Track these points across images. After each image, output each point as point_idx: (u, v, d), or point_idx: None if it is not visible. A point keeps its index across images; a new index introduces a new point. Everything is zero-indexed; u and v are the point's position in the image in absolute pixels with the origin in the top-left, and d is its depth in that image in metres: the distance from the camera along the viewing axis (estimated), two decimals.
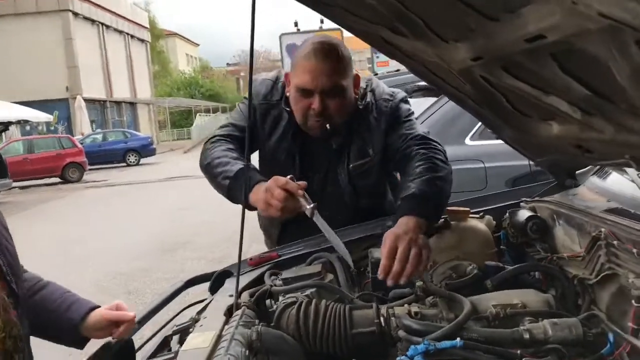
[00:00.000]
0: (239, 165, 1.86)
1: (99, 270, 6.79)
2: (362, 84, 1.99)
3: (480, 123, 3.71)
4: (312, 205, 1.67)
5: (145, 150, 25.29)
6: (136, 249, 7.82)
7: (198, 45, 74.64)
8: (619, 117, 1.09)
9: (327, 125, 1.86)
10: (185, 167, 20.53)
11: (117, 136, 25.97)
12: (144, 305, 1.83)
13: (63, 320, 1.37)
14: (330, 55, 1.80)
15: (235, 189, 1.83)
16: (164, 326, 1.82)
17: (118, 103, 36.79)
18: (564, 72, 1.06)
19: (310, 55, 1.80)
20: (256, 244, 7.57)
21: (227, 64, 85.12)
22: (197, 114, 43.51)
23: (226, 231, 8.50)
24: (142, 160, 24.95)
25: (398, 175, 2.07)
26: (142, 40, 43.10)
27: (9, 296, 1.14)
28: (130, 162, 24.65)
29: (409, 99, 2.06)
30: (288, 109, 1.95)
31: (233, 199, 1.89)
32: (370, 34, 1.76)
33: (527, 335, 1.22)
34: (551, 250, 1.68)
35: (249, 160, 1.80)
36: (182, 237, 8.43)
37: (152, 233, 8.87)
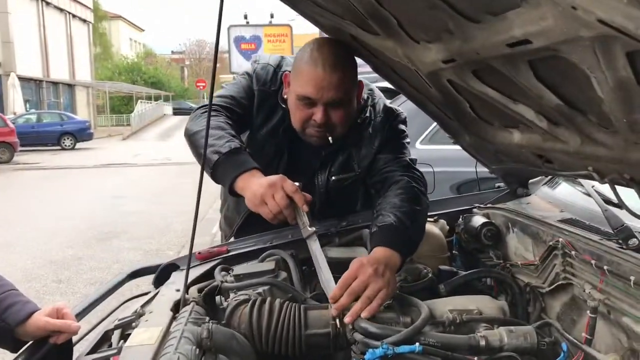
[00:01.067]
0: (234, 143, 1.70)
1: (27, 256, 6.47)
2: (364, 94, 1.89)
3: (430, 127, 3.78)
4: (313, 229, 1.55)
5: (82, 134, 24.34)
6: (68, 236, 7.50)
7: (143, 30, 72.62)
8: (588, 128, 1.10)
9: (330, 138, 1.75)
10: (123, 154, 19.98)
11: (53, 118, 24.85)
12: (84, 297, 1.72)
13: None
14: (338, 66, 1.66)
15: (223, 166, 1.67)
16: (103, 319, 1.72)
17: (55, 84, 35.29)
18: (538, 79, 1.05)
19: (317, 63, 1.65)
20: (199, 237, 7.42)
21: (172, 51, 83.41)
22: (139, 101, 42.27)
23: (162, 223, 8.31)
24: (78, 145, 23.99)
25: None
26: (84, 21, 41.50)
27: None
28: (66, 145, 23.67)
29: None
30: (284, 106, 1.83)
31: (216, 177, 1.71)
32: (339, 30, 1.73)
33: (483, 342, 1.22)
34: (503, 257, 1.70)
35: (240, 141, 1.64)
36: (117, 226, 8.15)
37: (85, 220, 8.53)
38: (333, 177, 1.88)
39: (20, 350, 1.33)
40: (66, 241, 7.20)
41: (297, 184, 1.60)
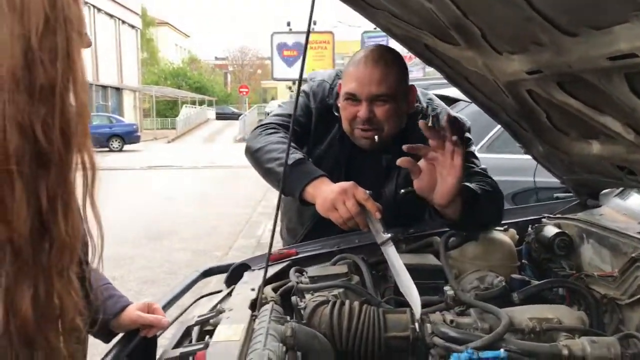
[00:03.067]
0: (298, 154, 1.77)
1: None
2: (423, 103, 1.92)
3: (488, 136, 3.77)
4: (388, 236, 1.57)
5: (129, 136, 25.01)
6: (120, 235, 7.70)
7: (188, 36, 74.13)
8: None
9: (376, 137, 1.79)
10: (169, 157, 20.38)
11: (102, 120, 25.62)
12: (162, 295, 1.80)
13: (97, 312, 1.34)
14: (379, 62, 1.74)
15: (290, 177, 1.71)
16: (180, 314, 1.79)
17: (104, 87, 36.32)
18: (633, 92, 1.06)
19: (360, 62, 1.75)
20: (242, 239, 7.51)
21: (215, 57, 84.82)
22: (183, 105, 43.20)
23: (209, 225, 8.46)
24: (126, 147, 24.66)
25: None
26: (133, 27, 42.64)
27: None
28: (114, 147, 24.34)
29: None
30: (338, 114, 1.89)
31: (284, 189, 1.73)
32: (412, 39, 1.76)
33: (565, 352, 1.22)
34: (577, 268, 1.69)
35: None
36: (166, 226, 8.34)
37: (135, 220, 8.76)
38: (402, 190, 1.87)
39: (115, 341, 1.40)
40: (117, 240, 7.41)
41: (368, 192, 1.63)
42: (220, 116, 48.93)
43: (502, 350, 1.17)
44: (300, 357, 1.34)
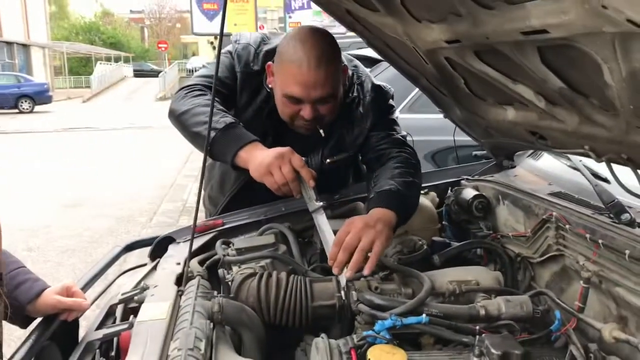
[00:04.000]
0: (228, 118, 1.71)
1: None
2: (349, 71, 1.88)
3: (409, 97, 3.82)
4: (320, 204, 1.58)
5: (40, 97, 23.57)
6: (35, 203, 7.37)
7: None
8: (588, 110, 1.15)
9: (321, 131, 1.76)
10: (84, 118, 19.46)
11: (9, 80, 23.92)
12: (83, 272, 1.73)
13: (9, 298, 1.27)
14: (322, 62, 1.63)
15: (221, 142, 1.67)
16: (102, 292, 1.74)
17: (9, 44, 33.87)
18: (544, 63, 1.10)
19: (301, 62, 1.62)
20: (167, 203, 7.33)
21: (131, 11, 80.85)
22: (98, 62, 41.12)
23: (130, 189, 8.22)
24: (37, 108, 23.28)
25: (364, 167, 2.01)
26: None
27: None
28: (24, 109, 22.91)
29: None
30: (269, 89, 1.82)
31: (214, 153, 1.72)
32: (334, 4, 1.74)
33: (482, 312, 1.29)
34: (493, 228, 1.77)
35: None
36: (84, 192, 8.01)
37: (51, 187, 8.38)
38: (327, 160, 1.89)
39: (33, 327, 1.35)
40: (33, 208, 7.08)
41: (303, 158, 1.62)
42: (139, 73, 47.00)
43: (424, 315, 1.21)
44: (229, 331, 1.34)
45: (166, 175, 9.12)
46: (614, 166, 1.29)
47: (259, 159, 1.60)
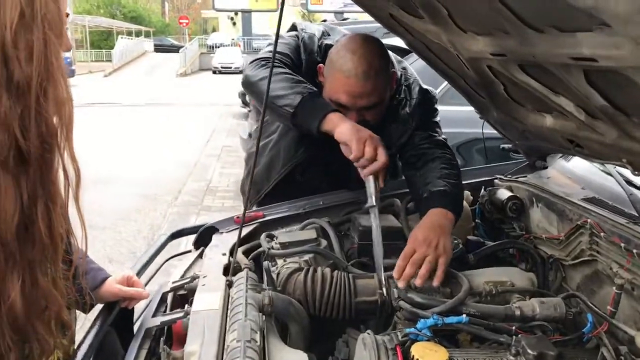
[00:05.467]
0: (307, 87, 1.77)
1: None
2: (397, 70, 1.94)
3: (439, 89, 3.85)
4: (374, 204, 1.63)
5: None
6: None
7: None
8: (628, 127, 1.20)
9: None
10: (106, 93, 19.64)
11: None
12: (132, 262, 1.84)
13: (76, 286, 1.37)
14: (371, 73, 1.69)
15: (310, 105, 1.71)
16: (150, 279, 1.84)
17: None
18: (589, 83, 1.15)
19: (350, 72, 1.69)
20: (192, 182, 7.44)
21: None
22: (119, 36, 41.25)
23: (154, 167, 8.35)
24: None
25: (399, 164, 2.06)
26: None
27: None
28: None
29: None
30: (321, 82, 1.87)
31: (297, 116, 1.73)
32: (378, 8, 1.79)
33: (518, 312, 1.36)
34: (525, 229, 1.83)
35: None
36: (111, 170, 8.16)
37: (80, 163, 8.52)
38: None
39: (97, 313, 1.45)
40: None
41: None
42: (159, 48, 47.10)
43: (464, 315, 1.29)
44: (274, 322, 1.43)
45: (189, 154, 9.25)
46: None
47: (351, 124, 1.65)
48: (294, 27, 2.06)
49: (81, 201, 1.04)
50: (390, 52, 1.97)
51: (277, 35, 1.50)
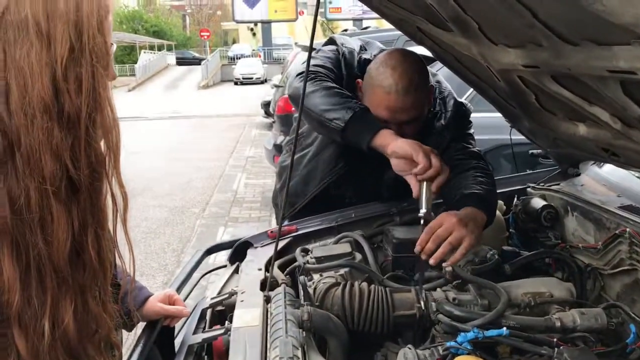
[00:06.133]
0: (357, 104, 1.77)
1: None
2: (432, 82, 1.96)
3: (466, 95, 3.84)
4: (423, 212, 1.58)
5: None
6: None
7: None
8: None
9: None
10: (131, 107, 19.89)
11: None
12: (158, 286, 1.87)
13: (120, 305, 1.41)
14: (411, 89, 1.73)
15: (360, 121, 1.72)
16: (189, 294, 1.88)
17: None
18: (625, 94, 1.15)
19: (390, 88, 1.72)
20: (218, 194, 7.50)
21: None
22: (142, 51, 41.91)
23: (182, 179, 8.45)
24: None
25: None
26: None
27: None
28: None
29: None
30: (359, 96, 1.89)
31: (348, 131, 1.73)
32: (405, 21, 1.81)
33: (558, 324, 1.35)
34: (561, 238, 1.82)
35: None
36: (137, 182, 8.27)
37: None
38: None
39: (140, 330, 1.48)
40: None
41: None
42: (181, 61, 47.66)
43: (504, 328, 1.29)
44: (313, 337, 1.44)
45: (214, 166, 9.34)
46: None
47: (407, 140, 1.64)
48: (332, 41, 2.09)
49: (129, 225, 1.07)
50: None
51: (311, 47, 1.49)
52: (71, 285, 0.96)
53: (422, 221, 1.57)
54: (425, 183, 1.60)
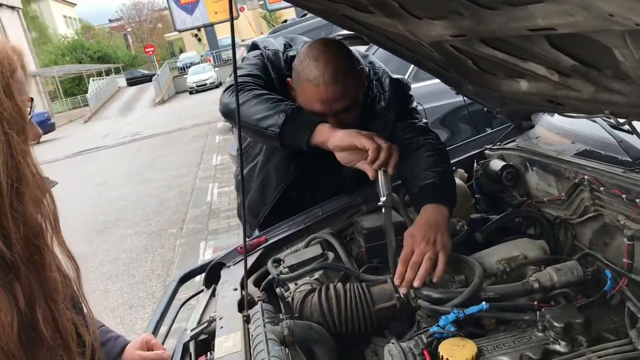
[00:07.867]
0: (292, 104, 1.71)
1: None
2: (365, 66, 1.91)
3: (411, 68, 3.83)
4: (384, 199, 1.53)
5: (43, 126, 23.64)
6: (66, 234, 7.50)
7: (75, 4, 69.45)
8: (603, 81, 1.19)
9: None
10: (90, 138, 19.59)
11: None
12: (149, 316, 1.82)
13: None
14: (339, 77, 1.67)
15: (294, 123, 1.66)
16: (168, 331, 1.83)
17: None
18: (553, 47, 1.13)
19: (317, 80, 1.66)
20: (193, 209, 7.39)
21: (109, 20, 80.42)
22: (90, 79, 41.11)
23: (153, 201, 8.33)
24: (43, 138, 23.36)
25: None
26: (12, 7, 39.59)
27: None
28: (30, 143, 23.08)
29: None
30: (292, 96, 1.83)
31: (285, 135, 1.67)
32: (330, 12, 1.77)
33: (536, 285, 1.35)
34: (526, 195, 1.81)
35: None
36: (110, 214, 8.16)
37: (76, 215, 8.50)
38: None
39: None
40: (66, 240, 7.21)
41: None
42: (132, 81, 46.95)
43: (483, 303, 1.27)
44: (299, 348, 1.41)
45: (184, 182, 9.23)
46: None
47: (345, 131, 1.59)
48: (255, 46, 2.02)
49: (83, 291, 1.02)
50: (354, 48, 1.95)
51: (234, 58, 1.42)
52: None
53: (383, 209, 1.54)
54: (380, 170, 1.56)
